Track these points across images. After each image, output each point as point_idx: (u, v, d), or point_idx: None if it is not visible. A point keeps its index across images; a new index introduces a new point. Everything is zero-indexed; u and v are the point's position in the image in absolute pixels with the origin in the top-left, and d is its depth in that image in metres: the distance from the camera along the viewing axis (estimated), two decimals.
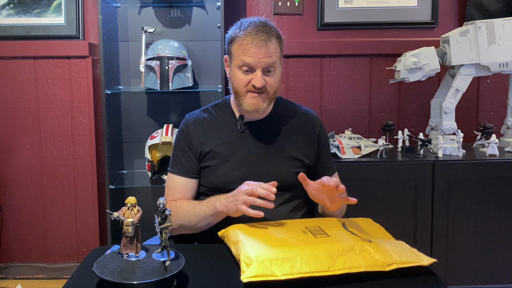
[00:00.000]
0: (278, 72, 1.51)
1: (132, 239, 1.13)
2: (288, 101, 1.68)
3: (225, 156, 1.52)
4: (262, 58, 1.44)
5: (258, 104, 1.48)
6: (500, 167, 2.16)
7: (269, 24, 1.50)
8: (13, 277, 2.71)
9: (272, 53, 1.45)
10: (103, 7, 2.33)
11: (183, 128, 1.59)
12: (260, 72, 1.45)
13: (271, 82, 1.48)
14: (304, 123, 1.62)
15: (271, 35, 1.46)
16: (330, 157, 1.68)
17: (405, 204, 2.17)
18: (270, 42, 1.45)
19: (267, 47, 1.44)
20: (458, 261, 2.18)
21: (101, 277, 1.06)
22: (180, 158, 1.56)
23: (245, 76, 1.47)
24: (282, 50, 1.52)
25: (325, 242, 1.17)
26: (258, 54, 1.44)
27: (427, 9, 2.59)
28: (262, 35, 1.44)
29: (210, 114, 1.61)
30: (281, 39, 1.52)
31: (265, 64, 1.45)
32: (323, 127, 1.66)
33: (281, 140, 1.56)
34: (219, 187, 1.51)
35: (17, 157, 2.67)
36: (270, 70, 1.47)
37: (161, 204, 1.10)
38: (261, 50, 1.44)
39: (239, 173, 1.50)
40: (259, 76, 1.45)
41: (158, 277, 1.05)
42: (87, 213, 2.70)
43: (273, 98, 1.53)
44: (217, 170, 1.53)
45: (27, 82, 2.63)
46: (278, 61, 1.50)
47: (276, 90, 1.53)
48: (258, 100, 1.48)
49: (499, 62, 2.22)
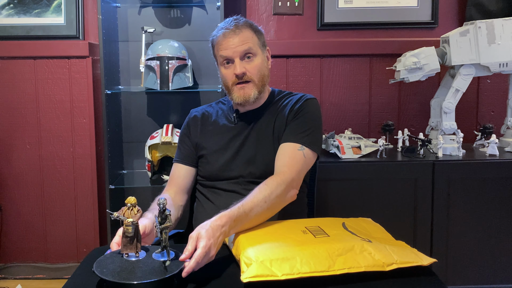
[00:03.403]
0: (260, 58, 1.55)
1: (132, 239, 1.12)
2: (286, 91, 1.70)
3: (220, 145, 1.60)
4: (236, 47, 1.51)
5: (246, 94, 1.54)
6: (500, 167, 2.16)
7: (240, 19, 1.57)
8: (13, 277, 2.71)
9: (245, 40, 1.52)
10: (103, 7, 2.33)
11: (186, 120, 1.71)
12: (238, 61, 1.52)
13: (251, 69, 1.53)
14: (286, 104, 1.61)
15: (242, 26, 1.54)
16: (296, 127, 1.53)
17: (405, 204, 2.17)
18: (241, 31, 1.52)
19: (239, 36, 1.52)
20: (458, 261, 2.18)
21: (101, 277, 1.05)
22: (180, 147, 1.68)
23: (228, 70, 1.54)
24: (260, 39, 1.58)
25: (325, 242, 1.17)
26: (231, 44, 1.51)
27: (427, 9, 2.59)
28: (231, 28, 1.53)
29: (212, 108, 1.71)
30: (257, 30, 1.58)
31: (241, 52, 1.51)
32: (303, 102, 1.57)
33: (272, 127, 1.58)
34: (214, 175, 1.58)
35: (17, 157, 2.67)
36: (248, 56, 1.53)
37: (161, 204, 1.10)
38: (232, 40, 1.51)
39: (232, 161, 1.57)
40: (237, 63, 1.52)
41: (158, 277, 1.05)
42: (87, 213, 2.70)
43: (261, 86, 1.56)
44: (212, 159, 1.60)
45: (27, 82, 2.63)
46: (257, 47, 1.55)
47: (263, 77, 1.56)
48: (244, 90, 1.53)
49: (499, 62, 2.22)
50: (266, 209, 1.34)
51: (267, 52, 1.63)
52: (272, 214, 1.39)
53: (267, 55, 1.62)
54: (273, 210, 1.39)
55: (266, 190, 1.37)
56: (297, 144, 1.50)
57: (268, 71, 1.61)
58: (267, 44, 1.64)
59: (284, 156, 1.50)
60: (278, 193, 1.39)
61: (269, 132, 1.58)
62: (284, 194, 1.41)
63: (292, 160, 1.48)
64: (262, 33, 1.60)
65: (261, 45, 1.58)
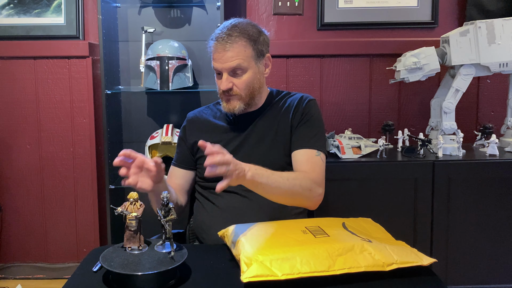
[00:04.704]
0: (251, 72, 1.52)
1: (136, 233, 1.15)
2: (284, 91, 1.69)
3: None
4: (224, 63, 1.50)
5: (231, 106, 1.54)
6: (500, 167, 2.16)
7: (238, 25, 1.51)
8: (13, 277, 2.72)
9: (235, 56, 1.48)
10: (103, 7, 2.33)
11: (183, 124, 1.71)
12: (226, 75, 1.51)
13: (239, 84, 1.52)
14: (288, 106, 1.62)
15: (235, 38, 1.49)
16: (307, 133, 1.56)
17: (405, 204, 2.17)
18: (232, 45, 1.48)
19: (229, 52, 1.48)
20: (458, 261, 2.18)
21: (110, 270, 1.06)
22: (177, 150, 1.69)
23: (219, 80, 1.56)
24: (258, 49, 1.53)
25: (325, 242, 1.17)
26: (221, 59, 1.50)
27: (427, 9, 2.59)
28: (223, 40, 1.49)
29: (210, 110, 1.71)
30: (255, 38, 1.52)
31: (229, 68, 1.50)
32: (305, 104, 1.59)
33: (269, 128, 1.59)
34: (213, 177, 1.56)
35: (17, 157, 2.67)
36: (237, 72, 1.51)
37: (164, 198, 1.15)
38: (222, 55, 1.49)
39: None
40: (223, 79, 1.51)
41: (167, 267, 1.07)
42: (87, 213, 2.70)
43: (248, 99, 1.55)
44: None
45: (27, 82, 2.63)
46: (249, 61, 1.51)
47: (251, 91, 1.54)
48: (230, 103, 1.54)
49: (499, 62, 2.22)
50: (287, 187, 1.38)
51: (267, 60, 1.59)
52: (292, 197, 1.42)
53: (265, 63, 1.59)
54: (293, 193, 1.41)
55: (291, 174, 1.44)
56: (313, 150, 1.53)
57: (264, 79, 1.59)
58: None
59: (303, 162, 1.52)
60: (302, 183, 1.42)
61: (271, 133, 1.57)
62: (307, 187, 1.44)
63: (314, 165, 1.51)
64: (261, 40, 1.54)
65: (256, 56, 1.53)
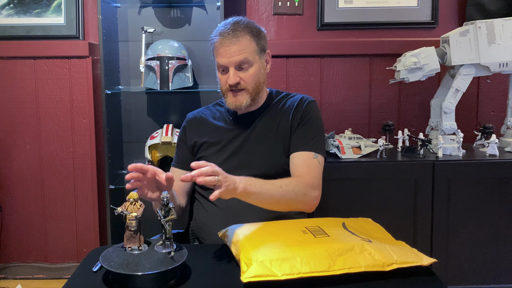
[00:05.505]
0: (256, 66, 1.54)
1: (136, 233, 1.15)
2: (284, 92, 1.70)
3: (218, 147, 1.60)
4: (231, 57, 1.50)
5: (238, 101, 1.54)
6: (500, 167, 2.16)
7: (240, 22, 1.53)
8: (13, 277, 2.72)
9: (241, 50, 1.50)
10: (103, 7, 2.33)
11: (183, 124, 1.71)
12: (232, 70, 1.51)
13: (246, 78, 1.53)
14: (288, 107, 1.62)
15: (240, 32, 1.50)
16: (305, 134, 1.56)
17: (405, 204, 2.17)
18: (238, 39, 1.49)
19: (235, 45, 1.49)
20: (458, 261, 2.18)
21: (111, 270, 1.06)
22: (177, 152, 1.69)
23: (223, 76, 1.55)
24: (261, 44, 1.55)
25: (325, 242, 1.17)
26: (227, 53, 1.50)
27: (427, 9, 2.59)
28: (229, 35, 1.50)
29: (209, 110, 1.71)
30: (257, 34, 1.54)
31: (236, 62, 1.50)
32: (305, 106, 1.59)
33: (269, 129, 1.59)
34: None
35: (17, 157, 2.67)
36: (243, 66, 1.52)
37: (164, 198, 1.14)
38: (229, 49, 1.49)
39: (230, 163, 1.56)
40: (231, 74, 1.51)
41: (167, 267, 1.07)
42: (87, 213, 2.70)
43: (255, 93, 1.56)
44: (210, 161, 1.56)
45: (27, 82, 2.63)
46: (254, 55, 1.53)
47: (257, 85, 1.55)
48: (237, 98, 1.54)
49: (499, 62, 2.22)
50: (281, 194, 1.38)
51: (267, 56, 1.61)
52: (286, 204, 1.43)
53: (266, 59, 1.61)
54: (287, 200, 1.41)
55: (284, 181, 1.42)
56: (311, 152, 1.53)
57: (266, 75, 1.61)
58: (268, 44, 1.62)
59: (300, 165, 1.52)
60: (296, 188, 1.42)
61: (271, 134, 1.58)
62: (302, 192, 1.43)
63: (310, 167, 1.51)
64: (262, 36, 1.57)
65: (259, 51, 1.55)
